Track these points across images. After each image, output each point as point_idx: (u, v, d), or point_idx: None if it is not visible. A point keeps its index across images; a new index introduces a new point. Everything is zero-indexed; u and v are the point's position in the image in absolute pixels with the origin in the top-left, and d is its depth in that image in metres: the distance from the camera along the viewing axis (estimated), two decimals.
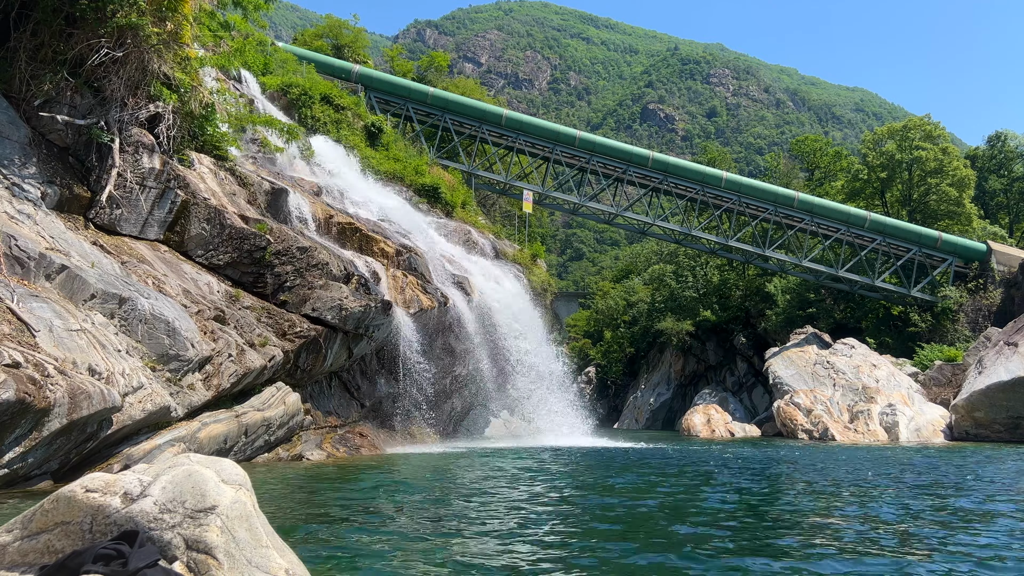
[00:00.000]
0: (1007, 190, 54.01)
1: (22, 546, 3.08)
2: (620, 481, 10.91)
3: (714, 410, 35.57)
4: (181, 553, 2.98)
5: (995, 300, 36.73)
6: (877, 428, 26.74)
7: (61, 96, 12.59)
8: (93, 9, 12.29)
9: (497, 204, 47.07)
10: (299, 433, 14.05)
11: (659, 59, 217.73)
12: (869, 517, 7.64)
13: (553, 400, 22.15)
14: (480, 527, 6.74)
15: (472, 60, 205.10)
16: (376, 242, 18.10)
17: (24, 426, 8.05)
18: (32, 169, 11.78)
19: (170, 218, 13.57)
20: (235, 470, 3.40)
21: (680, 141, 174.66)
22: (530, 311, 22.21)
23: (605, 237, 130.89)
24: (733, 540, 6.27)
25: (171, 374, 10.86)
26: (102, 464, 9.40)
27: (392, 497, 8.90)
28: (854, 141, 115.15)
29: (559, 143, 38.35)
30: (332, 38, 39.43)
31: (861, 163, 48.42)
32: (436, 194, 25.10)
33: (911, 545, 6.19)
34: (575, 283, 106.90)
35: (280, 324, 13.84)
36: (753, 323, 46.92)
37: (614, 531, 6.85)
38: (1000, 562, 5.52)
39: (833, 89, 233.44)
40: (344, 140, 23.97)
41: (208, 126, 15.26)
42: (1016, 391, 24.13)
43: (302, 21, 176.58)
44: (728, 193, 39.24)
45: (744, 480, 11.40)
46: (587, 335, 62.72)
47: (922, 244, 38.66)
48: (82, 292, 10.33)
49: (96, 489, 3.15)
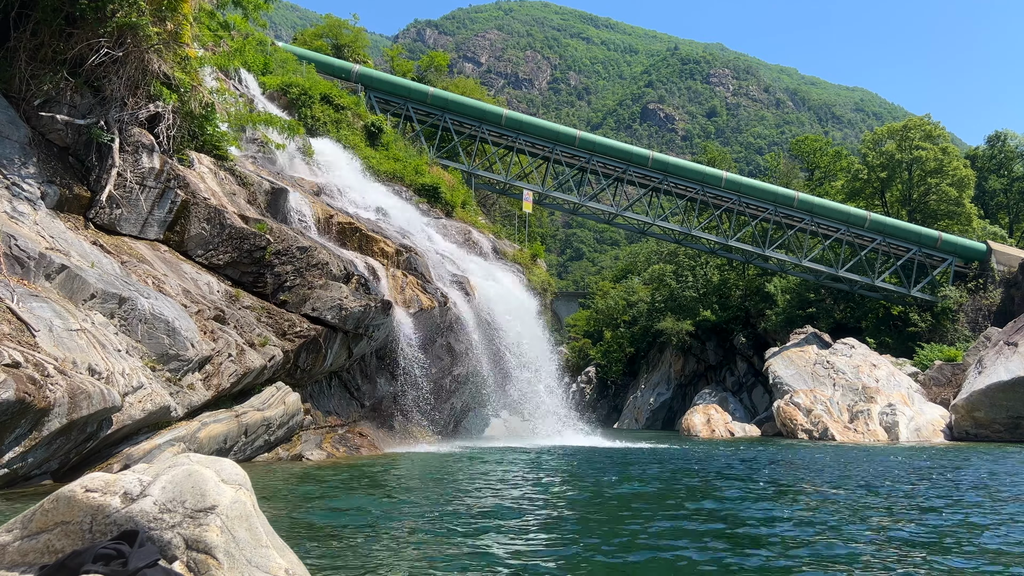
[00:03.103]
0: (1007, 190, 54.01)
1: (22, 546, 3.07)
2: (618, 479, 10.91)
3: (714, 410, 35.55)
4: (181, 553, 2.98)
5: (995, 300, 36.71)
6: (877, 428, 26.73)
7: (61, 96, 12.59)
8: (93, 9, 12.28)
9: (497, 204, 47.04)
10: (299, 433, 14.05)
11: (659, 59, 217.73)
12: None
13: (553, 400, 22.13)
14: (480, 527, 6.74)
15: (472, 60, 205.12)
16: (376, 242, 18.10)
17: (24, 426, 8.05)
18: (32, 169, 11.77)
19: (170, 218, 13.57)
20: (235, 470, 3.39)
21: (680, 141, 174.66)
22: (530, 311, 22.19)
23: (605, 237, 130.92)
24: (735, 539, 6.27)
25: (171, 374, 10.86)
26: (102, 464, 9.39)
27: (392, 497, 8.90)
28: (854, 141, 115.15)
29: (559, 143, 38.34)
30: (332, 38, 39.42)
31: (861, 163, 48.37)
32: (436, 194, 25.08)
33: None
34: (575, 283, 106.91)
35: (280, 324, 13.84)
36: (753, 323, 46.91)
37: (613, 532, 6.85)
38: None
39: (833, 89, 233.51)
40: (344, 140, 23.95)
41: (208, 126, 15.25)
42: (1016, 391, 24.13)
43: (302, 21, 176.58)
44: (728, 193, 39.22)
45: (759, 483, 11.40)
46: (587, 335, 62.66)
47: (922, 244, 38.65)
48: (82, 292, 10.33)
49: (96, 489, 3.15)
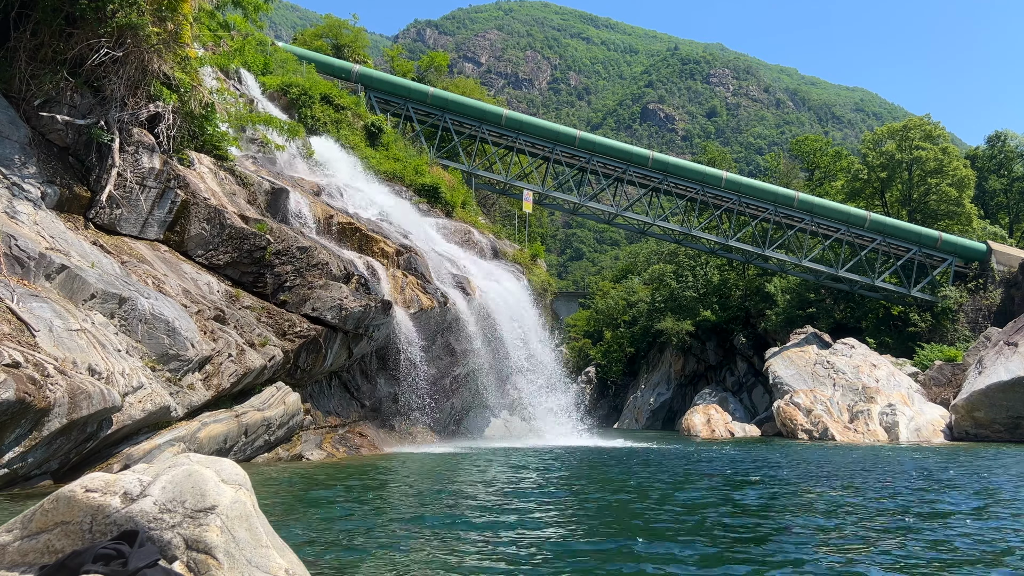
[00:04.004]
0: (1007, 190, 53.99)
1: (22, 546, 3.08)
2: (621, 478, 10.90)
3: (714, 410, 35.54)
4: (181, 553, 2.98)
5: (995, 300, 36.70)
6: (877, 428, 26.73)
7: (61, 96, 12.59)
8: (93, 9, 12.29)
9: (497, 204, 47.02)
10: (299, 433, 14.05)
11: (659, 59, 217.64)
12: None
13: (553, 400, 22.13)
14: (480, 527, 6.73)
15: (472, 60, 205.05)
16: (376, 242, 18.10)
17: (24, 426, 8.05)
18: (32, 169, 11.78)
19: (170, 218, 13.58)
20: (235, 470, 3.40)
21: (680, 141, 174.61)
22: (530, 311, 22.19)
23: (605, 237, 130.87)
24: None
25: (171, 374, 10.86)
26: (102, 464, 9.39)
27: (392, 497, 8.90)
28: (854, 141, 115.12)
29: (559, 143, 38.32)
30: (332, 38, 39.40)
31: (861, 163, 48.33)
32: (436, 194, 25.08)
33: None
34: (575, 283, 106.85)
35: (280, 324, 13.84)
36: (753, 323, 46.89)
37: (613, 531, 6.85)
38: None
39: (833, 89, 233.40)
40: (344, 140, 23.95)
41: (208, 126, 15.26)
42: (1016, 391, 24.12)
43: (302, 21, 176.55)
44: (728, 193, 39.20)
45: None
46: (587, 335, 62.66)
47: (922, 244, 38.64)
48: (82, 292, 10.33)
49: (96, 489, 3.15)
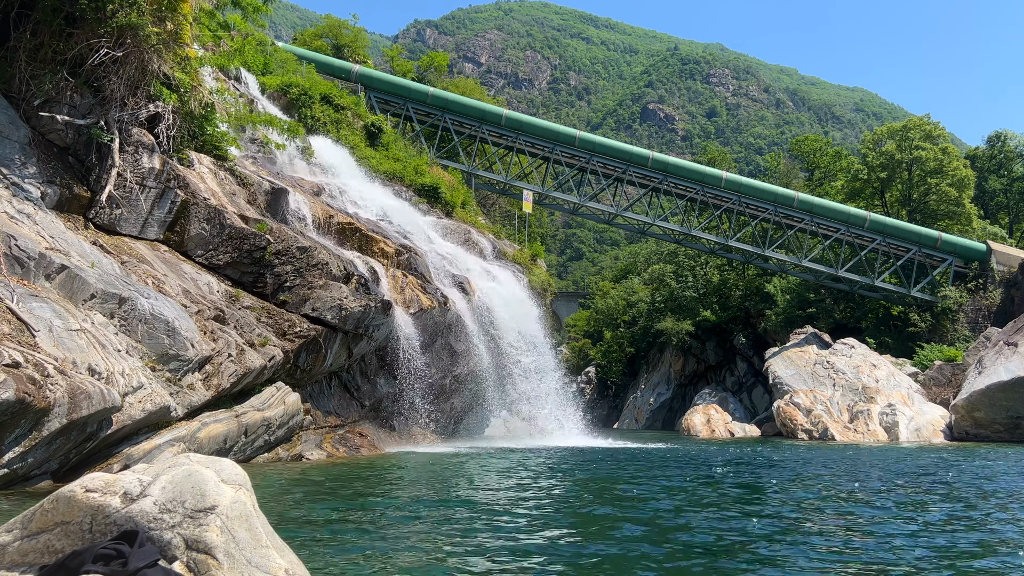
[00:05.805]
0: (1007, 190, 54.00)
1: (22, 546, 3.07)
2: (621, 478, 10.91)
3: (714, 410, 35.55)
4: (181, 553, 2.98)
5: (995, 300, 36.72)
6: (877, 428, 26.73)
7: (61, 96, 12.58)
8: (93, 9, 12.28)
9: (497, 204, 47.02)
10: (299, 433, 14.05)
11: (659, 59, 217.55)
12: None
13: (552, 400, 22.13)
14: (480, 527, 6.73)
15: (472, 60, 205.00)
16: (376, 242, 18.09)
17: (24, 426, 8.05)
18: (32, 169, 11.77)
19: (170, 218, 13.57)
20: (235, 470, 3.39)
21: (680, 141, 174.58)
22: (530, 311, 22.19)
23: (605, 237, 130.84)
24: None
25: (171, 374, 10.86)
26: (102, 464, 9.39)
27: (392, 497, 8.90)
28: (854, 141, 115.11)
29: (559, 143, 38.33)
30: (332, 38, 39.39)
31: (861, 163, 48.36)
32: (436, 194, 25.07)
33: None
34: (575, 283, 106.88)
35: (280, 324, 13.83)
36: (753, 323, 46.90)
37: (612, 531, 6.85)
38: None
39: (833, 89, 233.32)
40: (344, 140, 23.94)
41: (208, 126, 15.25)
42: (1016, 391, 24.12)
43: (302, 21, 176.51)
44: (728, 193, 39.21)
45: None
46: (587, 335, 62.65)
47: (922, 244, 38.64)
48: (82, 292, 10.33)
49: (96, 489, 3.15)
